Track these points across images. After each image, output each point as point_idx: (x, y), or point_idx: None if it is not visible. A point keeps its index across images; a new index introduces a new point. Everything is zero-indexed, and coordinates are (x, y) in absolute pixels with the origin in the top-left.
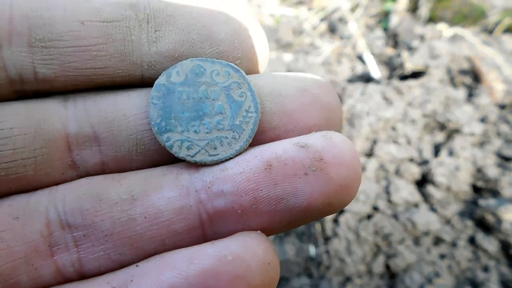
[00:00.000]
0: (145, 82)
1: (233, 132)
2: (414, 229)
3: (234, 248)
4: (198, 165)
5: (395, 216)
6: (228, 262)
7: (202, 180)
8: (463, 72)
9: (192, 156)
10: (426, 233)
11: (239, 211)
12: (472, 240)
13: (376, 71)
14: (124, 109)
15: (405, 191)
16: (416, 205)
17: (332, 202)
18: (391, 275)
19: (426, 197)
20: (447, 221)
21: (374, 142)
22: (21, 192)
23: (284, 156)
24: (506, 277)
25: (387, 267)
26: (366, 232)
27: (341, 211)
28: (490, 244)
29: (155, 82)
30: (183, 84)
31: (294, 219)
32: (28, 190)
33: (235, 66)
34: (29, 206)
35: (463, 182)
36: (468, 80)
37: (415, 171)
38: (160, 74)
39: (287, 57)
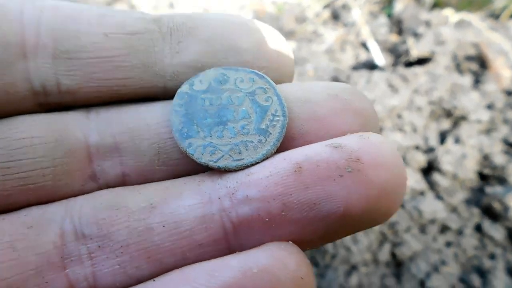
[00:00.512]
0: (168, 93)
1: (259, 136)
2: (420, 217)
3: (261, 260)
4: (222, 171)
5: (401, 205)
6: (254, 275)
7: (225, 186)
8: (469, 58)
9: (215, 161)
10: (432, 221)
11: (267, 219)
12: (478, 228)
13: (381, 59)
14: (147, 119)
15: (411, 180)
16: (422, 193)
17: (374, 210)
18: (397, 264)
19: (432, 185)
20: (454, 209)
21: (380, 130)
22: (40, 204)
23: (315, 158)
24: None
25: (393, 255)
26: None
27: None
28: (497, 232)
29: (178, 91)
30: (206, 92)
31: (331, 228)
32: (46, 202)
33: (260, 72)
34: (45, 216)
35: (469, 169)
36: (474, 66)
37: (421, 159)
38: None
39: (290, 45)
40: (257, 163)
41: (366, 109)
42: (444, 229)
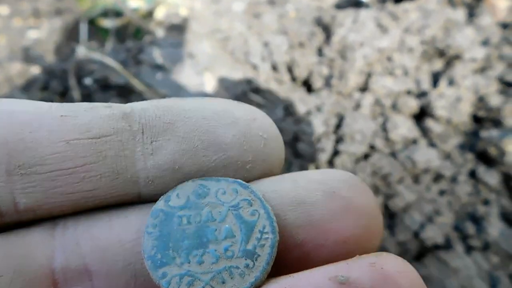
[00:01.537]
0: (143, 200)
1: (246, 259)
2: (413, 167)
3: None
4: None
5: (394, 155)
6: None
7: None
8: None
9: None
10: (426, 171)
11: None
12: (472, 174)
13: None
14: (120, 234)
15: (403, 127)
16: (414, 141)
17: None
18: (390, 216)
19: (425, 132)
20: (447, 156)
21: (369, 75)
22: None
23: None
24: (507, 209)
25: (386, 207)
26: (364, 173)
27: (336, 153)
28: (491, 177)
29: (153, 208)
30: (184, 208)
31: None
32: None
33: (243, 182)
34: None
35: (464, 113)
36: None
37: (413, 105)
38: (159, 190)
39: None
40: None
41: (368, 206)
42: (437, 177)
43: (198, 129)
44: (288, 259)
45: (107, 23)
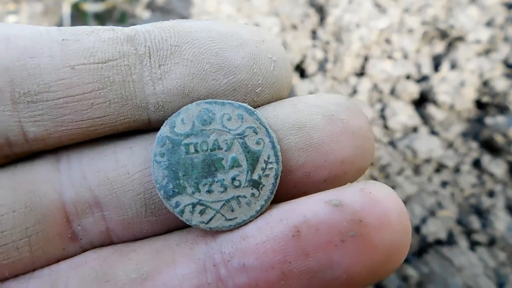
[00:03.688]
0: (153, 126)
1: (252, 189)
2: (414, 157)
3: None
4: (214, 232)
5: (393, 144)
6: None
7: (220, 252)
8: None
9: (206, 223)
10: (427, 161)
11: None
12: (477, 164)
13: None
14: (127, 166)
15: (402, 114)
16: (415, 129)
17: (377, 272)
18: None
19: (426, 120)
20: (450, 145)
21: (366, 59)
22: (19, 275)
23: (314, 220)
24: None
25: None
26: None
27: None
28: (497, 167)
29: (157, 134)
30: (190, 135)
31: None
32: (25, 272)
33: (249, 107)
34: None
35: (467, 99)
36: None
37: (413, 90)
38: (169, 115)
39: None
40: (251, 221)
41: (363, 128)
42: (439, 168)
43: (207, 51)
44: (290, 180)
45: (90, 7)
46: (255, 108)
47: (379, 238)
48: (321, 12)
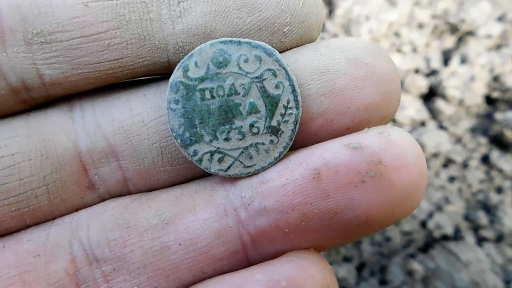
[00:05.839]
0: (172, 69)
1: (271, 136)
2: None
3: (287, 272)
4: (233, 178)
5: None
6: None
7: (240, 196)
8: None
9: (225, 170)
10: (435, 155)
11: (286, 230)
12: (485, 159)
13: None
14: (141, 114)
15: (411, 108)
16: (423, 124)
17: (396, 212)
18: None
19: (434, 114)
20: (458, 140)
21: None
22: (40, 223)
23: (334, 162)
24: None
25: None
26: None
27: None
28: (506, 163)
29: (170, 80)
30: (205, 79)
31: (351, 233)
32: (45, 220)
33: (268, 47)
34: (51, 241)
35: (477, 94)
36: None
37: (422, 84)
38: None
39: None
40: (270, 167)
41: (389, 73)
42: (447, 162)
43: None
44: (310, 128)
45: None
46: (281, 52)
47: (398, 178)
48: (330, 4)
